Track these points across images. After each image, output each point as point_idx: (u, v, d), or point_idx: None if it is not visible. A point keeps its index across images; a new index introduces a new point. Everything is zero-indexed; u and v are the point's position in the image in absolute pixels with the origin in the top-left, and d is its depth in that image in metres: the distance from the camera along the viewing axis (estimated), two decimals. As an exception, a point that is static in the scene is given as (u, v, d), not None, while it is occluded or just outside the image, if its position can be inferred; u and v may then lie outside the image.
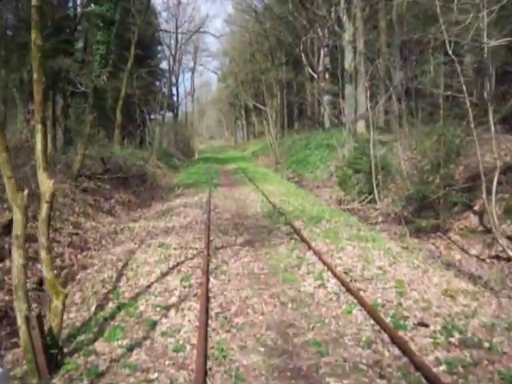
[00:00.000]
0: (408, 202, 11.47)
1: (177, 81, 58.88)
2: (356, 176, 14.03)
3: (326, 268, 6.89)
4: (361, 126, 21.32)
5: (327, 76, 34.73)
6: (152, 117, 49.16)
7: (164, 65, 52.04)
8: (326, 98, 34.31)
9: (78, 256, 9.15)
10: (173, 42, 53.64)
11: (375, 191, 13.29)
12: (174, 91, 58.36)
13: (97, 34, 12.54)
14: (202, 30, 55.97)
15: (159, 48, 51.69)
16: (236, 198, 14.97)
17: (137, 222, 12.32)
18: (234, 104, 74.08)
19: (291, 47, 41.45)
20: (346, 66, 30.85)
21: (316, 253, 7.68)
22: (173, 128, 53.61)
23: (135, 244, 9.36)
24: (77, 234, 10.38)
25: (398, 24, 21.99)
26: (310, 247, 8.08)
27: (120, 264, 7.84)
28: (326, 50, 34.53)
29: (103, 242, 10.27)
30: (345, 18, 30.41)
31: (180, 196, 15.66)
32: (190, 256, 7.76)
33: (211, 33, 51.13)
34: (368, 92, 14.32)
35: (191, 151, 54.47)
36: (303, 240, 8.57)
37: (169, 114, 55.84)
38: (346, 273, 6.75)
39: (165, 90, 49.08)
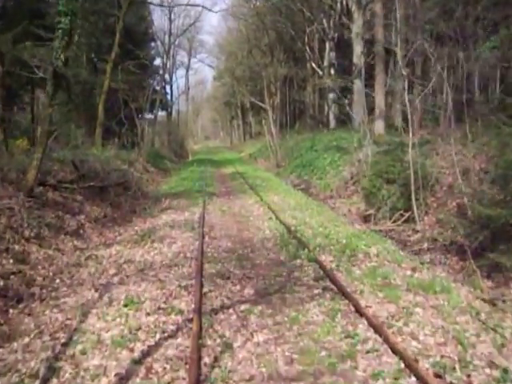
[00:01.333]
0: (467, 226, 8.62)
1: (171, 79, 55.99)
2: (387, 188, 11.17)
3: (402, 364, 4.02)
4: (379, 125, 18.47)
5: (333, 72, 31.89)
6: (146, 116, 46.30)
7: (158, 62, 49.14)
8: (332, 95, 31.52)
9: (10, 311, 6.22)
10: (167, 37, 50.89)
11: (414, 208, 10.44)
12: (168, 90, 55.42)
13: (58, 3, 9.63)
14: (197, 22, 53.25)
15: (152, 44, 48.99)
16: (236, 213, 12.08)
17: (109, 247, 9.40)
18: (230, 103, 71.39)
19: (293, 41, 38.64)
20: (355, 59, 28.06)
21: (373, 324, 4.80)
22: (166, 128, 50.77)
23: (96, 291, 6.48)
24: (18, 272, 7.46)
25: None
26: (359, 310, 5.19)
27: (62, 337, 4.95)
28: (331, 43, 31.68)
29: (55, 283, 7.34)
30: (354, 8, 27.66)
31: (167, 209, 12.72)
32: (170, 329, 4.84)
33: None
34: (406, 82, 11.34)
35: (185, 152, 51.60)
36: (345, 295, 5.67)
37: (162, 113, 53.01)
38: (439, 377, 3.89)
39: (157, 87, 46.24)
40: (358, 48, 27.72)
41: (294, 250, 7.83)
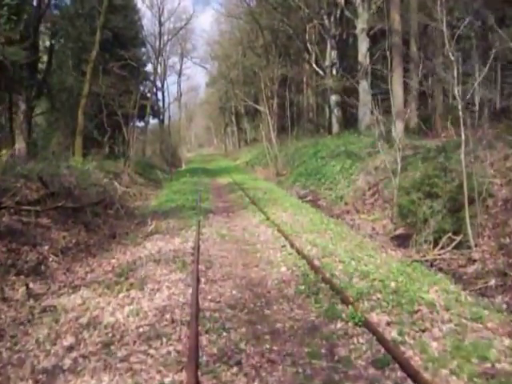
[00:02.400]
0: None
1: (162, 85, 53.80)
2: (429, 203, 8.87)
3: None
4: (398, 127, 16.18)
5: (334, 72, 29.72)
6: (137, 123, 44.15)
7: (149, 68, 47.03)
8: (334, 97, 29.37)
9: None
10: (157, 42, 48.77)
11: (468, 229, 8.15)
12: (160, 96, 53.25)
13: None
14: (189, 25, 51.36)
15: (143, 50, 46.97)
16: (239, 238, 9.72)
17: (75, 292, 7.06)
18: (224, 109, 69.31)
19: (290, 41, 36.54)
20: (360, 57, 25.91)
21: None
22: (158, 136, 48.61)
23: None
24: None
25: None
26: None
27: None
28: (332, 41, 29.52)
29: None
30: (358, 1, 25.50)
31: (153, 235, 10.34)
32: None
33: None
34: (455, 71, 8.86)
35: (178, 161, 49.33)
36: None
37: (154, 121, 50.88)
38: None
39: (148, 94, 44.08)
40: (363, 45, 25.60)
41: (327, 303, 5.49)
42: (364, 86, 25.42)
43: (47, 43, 31.25)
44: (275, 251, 8.24)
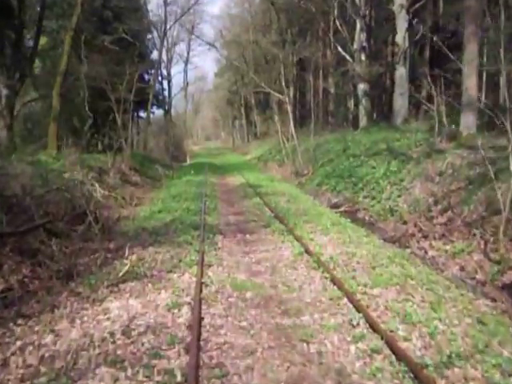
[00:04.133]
0: None
1: (168, 73, 50.14)
2: None
3: None
4: (468, 121, 12.26)
5: (363, 57, 25.72)
6: (140, 113, 40.71)
7: (155, 56, 43.61)
8: (363, 86, 25.39)
9: None
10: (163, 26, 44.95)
11: None
12: (165, 86, 49.78)
13: None
14: (197, 6, 47.84)
15: (149, 36, 43.44)
16: (268, 293, 5.82)
17: None
18: (233, 101, 65.56)
19: (307, 23, 32.63)
20: (398, 39, 21.98)
21: None
22: (161, 127, 44.97)
23: None
24: None
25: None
26: None
27: None
28: (362, 22, 25.50)
29: None
30: (397, -30, 21.51)
31: (127, 282, 6.43)
32: None
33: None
34: None
35: (182, 155, 45.60)
36: None
37: (159, 111, 47.43)
38: None
39: (151, 81, 40.46)
40: (402, 24, 21.63)
41: None
42: (402, 73, 21.55)
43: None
44: (342, 339, 4.38)
